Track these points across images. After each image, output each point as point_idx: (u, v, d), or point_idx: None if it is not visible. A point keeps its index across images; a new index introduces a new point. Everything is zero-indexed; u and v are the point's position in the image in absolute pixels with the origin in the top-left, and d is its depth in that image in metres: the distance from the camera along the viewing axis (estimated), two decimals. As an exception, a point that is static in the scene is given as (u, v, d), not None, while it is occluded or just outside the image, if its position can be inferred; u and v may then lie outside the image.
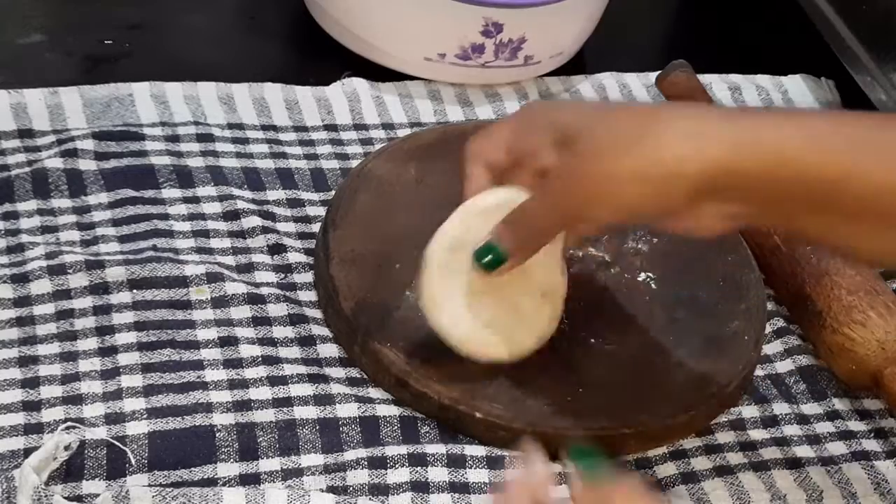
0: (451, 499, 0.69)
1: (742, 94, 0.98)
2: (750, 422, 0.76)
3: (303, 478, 0.68)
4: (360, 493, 0.68)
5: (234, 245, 0.79)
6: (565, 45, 0.95)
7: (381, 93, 0.92)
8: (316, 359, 0.74)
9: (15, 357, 0.70)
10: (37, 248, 0.75)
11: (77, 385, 0.69)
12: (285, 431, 0.70)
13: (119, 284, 0.74)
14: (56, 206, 0.79)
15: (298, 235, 0.81)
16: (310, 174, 0.85)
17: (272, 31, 0.98)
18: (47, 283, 0.74)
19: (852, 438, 0.76)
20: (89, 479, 0.66)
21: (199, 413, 0.69)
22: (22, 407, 0.68)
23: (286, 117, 0.88)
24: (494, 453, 0.71)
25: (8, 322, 0.72)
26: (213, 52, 0.94)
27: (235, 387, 0.71)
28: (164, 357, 0.72)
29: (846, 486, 0.73)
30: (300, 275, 0.78)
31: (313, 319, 0.76)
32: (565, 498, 0.70)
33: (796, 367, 0.79)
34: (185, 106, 0.87)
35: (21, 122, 0.83)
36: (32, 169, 0.80)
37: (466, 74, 0.92)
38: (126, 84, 0.87)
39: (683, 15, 1.12)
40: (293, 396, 0.71)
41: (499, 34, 0.89)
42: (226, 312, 0.75)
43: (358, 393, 0.72)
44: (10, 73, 0.87)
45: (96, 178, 0.81)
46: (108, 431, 0.68)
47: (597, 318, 0.77)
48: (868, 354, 0.77)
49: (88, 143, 0.82)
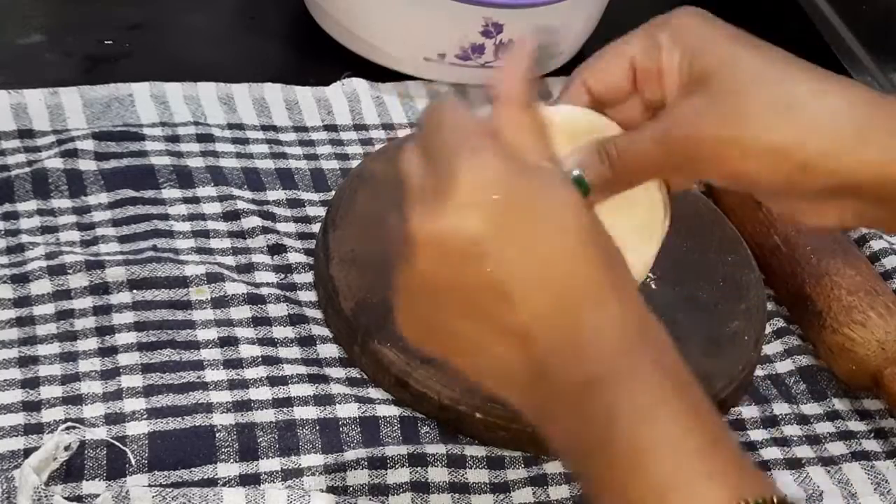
0: (451, 499, 0.69)
1: (742, 94, 0.98)
2: (750, 422, 0.76)
3: (303, 478, 0.68)
4: (361, 494, 0.68)
5: (234, 245, 0.79)
6: (565, 45, 0.95)
7: (381, 93, 0.92)
8: (316, 359, 0.74)
9: (15, 357, 0.70)
10: (37, 248, 0.75)
11: (77, 385, 0.69)
12: (285, 432, 0.70)
13: (119, 285, 0.74)
14: (56, 206, 0.79)
15: (298, 236, 0.81)
16: (310, 174, 0.85)
17: (272, 31, 0.98)
18: (47, 283, 0.74)
19: (852, 438, 0.76)
20: (89, 479, 0.65)
21: (199, 413, 0.69)
22: (22, 407, 0.68)
23: (286, 117, 0.88)
24: (494, 453, 0.71)
25: (8, 322, 0.72)
26: (213, 52, 0.94)
27: (235, 387, 0.71)
28: (165, 357, 0.72)
29: (846, 486, 0.73)
30: (300, 275, 0.78)
31: (313, 320, 0.76)
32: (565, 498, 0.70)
33: (796, 367, 0.79)
34: (185, 106, 0.87)
35: (21, 123, 0.83)
36: (32, 169, 0.80)
37: (466, 75, 0.92)
38: (126, 84, 0.87)
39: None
40: (293, 397, 0.71)
41: (499, 34, 0.89)
42: (226, 313, 0.75)
43: (358, 393, 0.72)
44: (10, 73, 0.87)
45: (96, 178, 0.81)
46: (108, 432, 0.68)
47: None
48: (868, 354, 0.77)
49: (88, 144, 0.82)
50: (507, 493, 0.70)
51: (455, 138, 0.51)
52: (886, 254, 0.85)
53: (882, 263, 0.85)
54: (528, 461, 0.71)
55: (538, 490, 0.70)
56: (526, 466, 0.71)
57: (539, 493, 0.70)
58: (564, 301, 0.50)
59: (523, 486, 0.70)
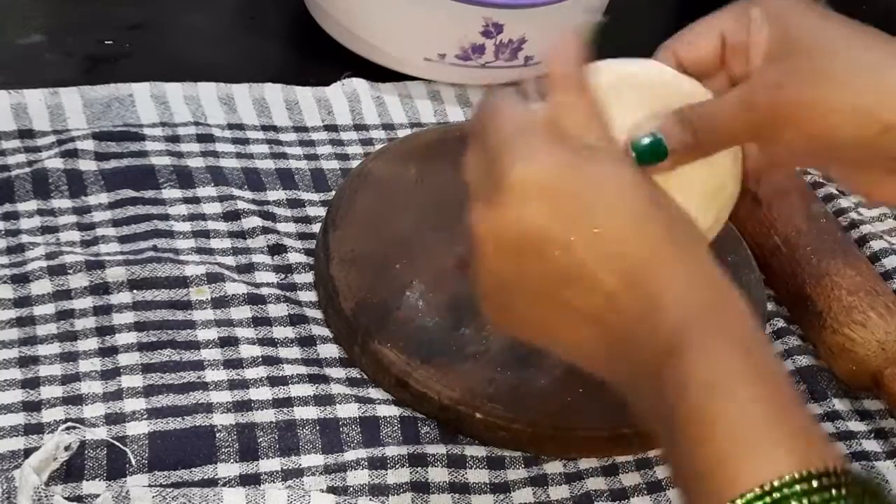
0: (451, 499, 0.69)
1: (742, 94, 0.98)
2: (750, 422, 0.76)
3: (303, 478, 0.68)
4: (361, 494, 0.68)
5: (235, 245, 0.79)
6: (565, 46, 0.95)
7: (381, 93, 0.92)
8: (316, 359, 0.74)
9: (15, 357, 0.70)
10: (37, 248, 0.75)
11: (77, 385, 0.69)
12: (285, 432, 0.70)
13: (119, 285, 0.74)
14: (56, 206, 0.79)
15: (299, 236, 0.81)
16: (310, 174, 0.85)
17: (272, 31, 0.98)
18: (47, 283, 0.74)
19: (852, 439, 0.76)
20: (89, 479, 0.65)
21: (199, 413, 0.69)
22: (22, 407, 0.68)
23: (286, 117, 0.88)
24: (495, 453, 0.71)
25: (8, 322, 0.72)
26: (213, 52, 0.94)
27: (236, 387, 0.71)
28: (165, 357, 0.72)
29: (846, 486, 0.73)
30: (300, 275, 0.78)
31: (313, 320, 0.76)
32: (565, 498, 0.70)
33: (796, 367, 0.79)
34: (185, 106, 0.87)
35: (21, 123, 0.83)
36: (33, 169, 0.80)
37: (467, 75, 0.92)
38: (126, 84, 0.87)
39: (683, 15, 1.11)
40: (293, 397, 0.71)
41: (499, 34, 0.89)
42: (226, 313, 0.75)
43: (358, 393, 0.72)
44: (10, 73, 0.87)
45: (96, 178, 0.81)
46: (109, 432, 0.68)
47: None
48: (868, 355, 0.77)
49: (89, 144, 0.82)
50: (507, 494, 0.70)
51: (508, 132, 0.53)
52: (886, 254, 0.85)
53: (882, 263, 0.85)
54: (528, 461, 0.71)
55: (538, 490, 0.70)
56: (526, 466, 0.71)
57: (539, 493, 0.70)
58: (632, 278, 0.51)
59: (523, 486, 0.70)
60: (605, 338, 0.52)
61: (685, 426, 0.48)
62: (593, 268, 0.51)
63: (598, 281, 0.51)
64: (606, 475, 0.72)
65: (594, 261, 0.51)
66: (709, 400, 0.47)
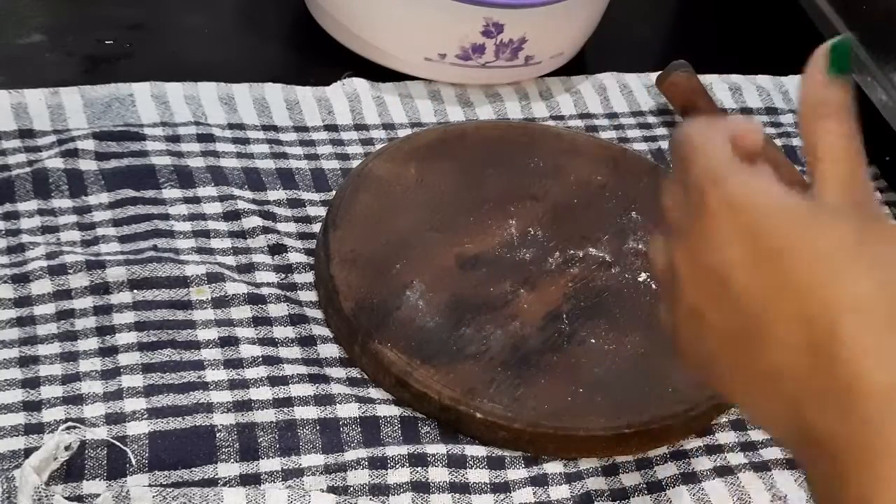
0: (451, 499, 0.69)
1: (742, 94, 0.98)
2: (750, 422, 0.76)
3: (303, 478, 0.68)
4: (361, 494, 0.68)
5: (235, 245, 0.79)
6: (566, 46, 0.95)
7: (381, 93, 0.92)
8: (316, 359, 0.74)
9: (15, 357, 0.70)
10: (37, 248, 0.76)
11: (77, 385, 0.70)
12: (286, 432, 0.70)
13: (120, 284, 0.74)
14: (56, 206, 0.79)
15: (299, 235, 0.81)
16: (310, 174, 0.85)
17: (272, 31, 0.98)
18: (48, 283, 0.74)
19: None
20: (90, 479, 0.66)
21: (199, 413, 0.70)
22: (22, 407, 0.68)
23: (287, 117, 0.89)
24: (495, 453, 0.71)
25: (8, 322, 0.72)
26: (213, 52, 0.94)
27: (236, 387, 0.71)
28: (165, 357, 0.72)
29: (846, 486, 0.73)
30: (301, 275, 0.79)
31: (314, 319, 0.76)
32: (565, 498, 0.70)
33: None
34: (185, 106, 0.87)
35: (21, 123, 0.83)
36: (33, 169, 0.80)
37: (467, 75, 0.92)
38: (126, 84, 0.87)
39: (683, 15, 1.12)
40: (294, 397, 0.71)
41: (499, 34, 0.89)
42: (226, 312, 0.75)
43: (358, 393, 0.72)
44: (10, 73, 0.87)
45: (97, 178, 0.81)
46: (109, 431, 0.68)
47: (597, 318, 0.77)
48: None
49: (89, 144, 0.82)
50: (507, 493, 0.70)
51: (705, 168, 0.50)
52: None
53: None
54: (528, 461, 0.71)
55: (538, 490, 0.70)
56: (526, 466, 0.71)
57: (539, 493, 0.70)
58: (816, 338, 0.46)
59: (523, 486, 0.70)
60: (781, 403, 0.47)
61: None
62: (775, 320, 0.47)
63: (778, 338, 0.47)
64: (606, 475, 0.72)
65: (777, 314, 0.47)
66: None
